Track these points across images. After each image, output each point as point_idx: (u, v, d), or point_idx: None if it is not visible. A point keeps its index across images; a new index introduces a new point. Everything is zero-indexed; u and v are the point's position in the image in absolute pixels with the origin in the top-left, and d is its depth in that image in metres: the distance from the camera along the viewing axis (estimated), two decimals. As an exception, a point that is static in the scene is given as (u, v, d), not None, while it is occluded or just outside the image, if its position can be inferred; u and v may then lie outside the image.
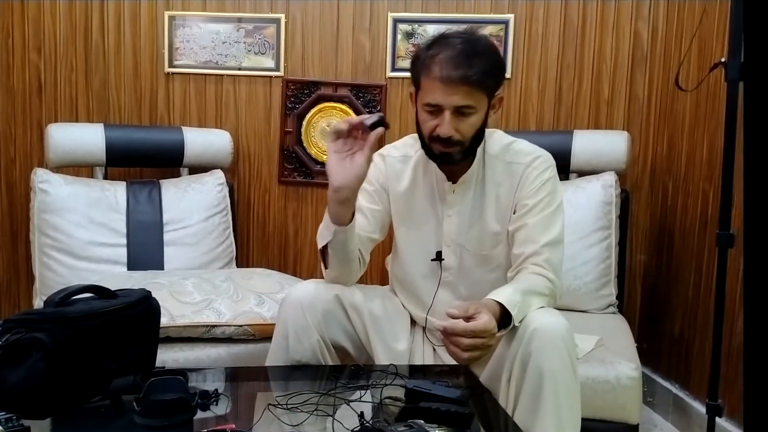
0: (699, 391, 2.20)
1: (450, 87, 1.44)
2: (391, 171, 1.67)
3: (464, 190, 1.61)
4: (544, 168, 1.58)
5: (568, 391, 1.33)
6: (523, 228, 1.54)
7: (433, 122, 1.49)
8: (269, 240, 2.78)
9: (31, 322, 1.17)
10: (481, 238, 1.61)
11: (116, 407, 1.22)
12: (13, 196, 2.72)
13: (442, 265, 1.62)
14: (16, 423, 1.08)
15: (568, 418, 1.33)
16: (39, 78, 2.68)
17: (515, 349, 1.35)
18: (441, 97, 1.45)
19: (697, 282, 2.26)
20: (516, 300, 1.36)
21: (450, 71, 1.43)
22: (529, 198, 1.56)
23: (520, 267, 1.52)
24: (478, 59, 1.44)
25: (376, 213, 1.66)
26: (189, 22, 2.66)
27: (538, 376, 1.31)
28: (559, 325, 1.35)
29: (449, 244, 1.63)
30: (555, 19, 2.56)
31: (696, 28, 2.27)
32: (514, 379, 1.35)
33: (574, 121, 2.58)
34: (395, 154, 1.69)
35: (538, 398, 1.31)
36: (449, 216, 1.62)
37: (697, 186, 2.28)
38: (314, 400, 1.29)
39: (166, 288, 2.00)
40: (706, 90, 2.22)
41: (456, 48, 1.45)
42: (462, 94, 1.45)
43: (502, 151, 1.61)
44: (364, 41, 2.65)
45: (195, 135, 2.58)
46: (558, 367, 1.31)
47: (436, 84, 1.45)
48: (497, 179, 1.60)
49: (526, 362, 1.32)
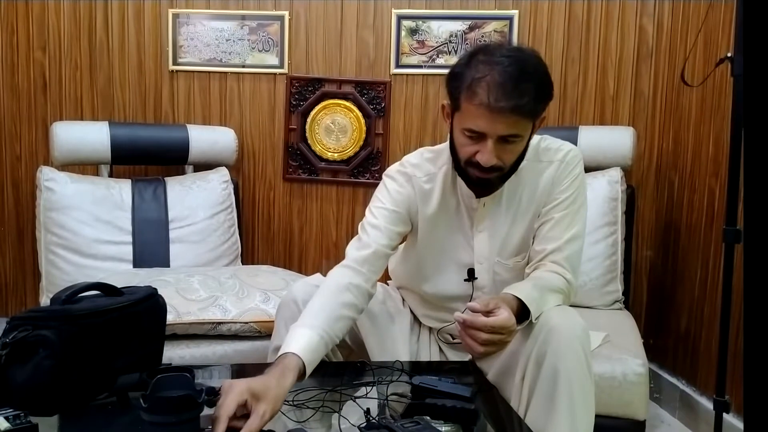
0: (706, 387, 2.19)
1: (497, 116, 1.31)
2: (419, 194, 1.54)
3: (494, 205, 1.51)
4: (575, 163, 1.52)
5: (583, 391, 1.31)
6: (548, 222, 1.49)
7: (472, 148, 1.37)
8: (274, 237, 2.78)
9: (38, 320, 1.17)
10: (517, 247, 1.54)
11: (123, 404, 1.22)
12: (19, 194, 2.73)
13: (474, 285, 1.54)
14: (24, 420, 1.08)
15: (582, 418, 1.31)
16: (44, 76, 2.69)
17: (530, 347, 1.33)
18: (485, 125, 1.33)
19: (703, 278, 2.26)
20: (534, 296, 1.34)
21: (498, 99, 1.29)
22: (561, 193, 1.50)
23: (539, 263, 1.48)
24: (527, 84, 1.31)
25: (394, 234, 1.53)
26: (193, 20, 2.66)
27: (553, 375, 1.29)
28: (576, 325, 1.33)
29: (482, 262, 1.54)
30: (559, 15, 2.55)
31: (701, 23, 2.26)
32: (528, 378, 1.33)
33: (579, 117, 2.58)
34: (420, 175, 1.54)
35: (552, 398, 1.29)
36: (480, 232, 1.53)
37: (703, 181, 2.27)
38: (320, 396, 1.29)
39: (172, 285, 2.00)
40: (712, 85, 2.21)
41: (505, 71, 1.30)
42: (508, 124, 1.33)
43: (531, 153, 1.49)
44: (368, 38, 2.65)
45: (199, 133, 2.59)
46: (573, 366, 1.29)
47: (482, 111, 1.31)
48: (529, 181, 1.51)
49: (541, 361, 1.30)
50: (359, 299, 1.43)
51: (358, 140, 2.67)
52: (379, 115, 2.66)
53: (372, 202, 1.56)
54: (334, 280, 1.43)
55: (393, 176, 1.55)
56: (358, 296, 1.42)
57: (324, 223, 2.75)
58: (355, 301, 1.41)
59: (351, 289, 1.41)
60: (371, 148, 2.67)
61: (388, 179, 1.56)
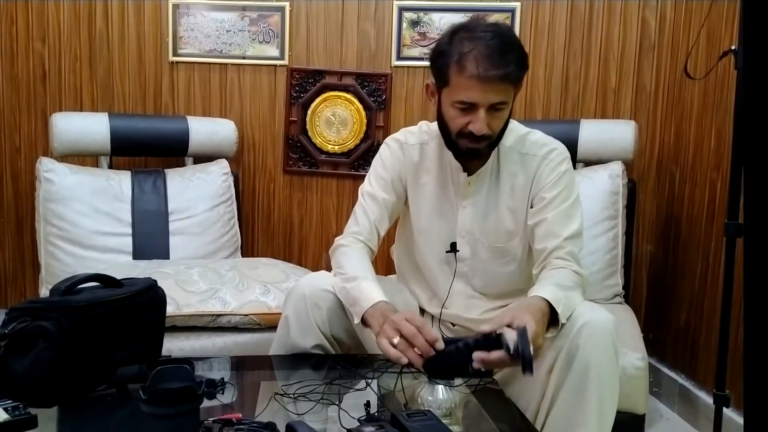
0: (705, 381, 2.20)
1: (488, 85, 1.40)
2: (409, 160, 1.65)
3: (480, 182, 1.59)
4: (559, 161, 1.56)
5: (612, 387, 1.33)
6: (542, 223, 1.52)
7: (463, 119, 1.45)
8: (274, 229, 2.78)
9: (37, 311, 1.17)
10: (496, 231, 1.60)
11: (122, 396, 1.22)
12: (18, 186, 2.72)
13: (456, 256, 1.61)
14: (23, 411, 1.08)
15: (609, 413, 1.33)
16: (43, 67, 2.68)
17: (561, 341, 1.33)
18: (477, 95, 1.41)
19: (703, 272, 2.25)
20: (560, 297, 1.34)
21: (487, 69, 1.38)
22: (547, 192, 1.54)
23: (544, 263, 1.50)
24: (511, 54, 1.40)
25: (389, 203, 1.64)
26: (193, 11, 2.65)
27: (584, 369, 1.30)
28: (608, 321, 1.34)
29: (464, 236, 1.61)
30: (562, 7, 2.53)
31: (705, 16, 2.25)
32: (557, 371, 1.33)
33: (581, 110, 2.57)
34: (413, 142, 1.66)
35: (582, 392, 1.30)
36: (464, 207, 1.60)
37: (704, 175, 2.27)
38: (320, 389, 1.29)
39: (171, 277, 2.00)
40: (715, 79, 2.20)
41: (489, 44, 1.39)
42: (498, 92, 1.42)
43: (517, 142, 1.59)
44: (369, 29, 2.63)
45: (199, 124, 2.58)
46: (605, 362, 1.31)
47: (473, 82, 1.40)
48: (512, 171, 1.58)
49: (573, 354, 1.31)
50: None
51: (359, 133, 2.66)
52: (380, 107, 2.65)
53: (370, 171, 1.69)
54: (355, 252, 1.58)
55: (387, 143, 1.69)
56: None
57: (324, 216, 2.75)
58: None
59: (369, 255, 1.61)
60: (372, 141, 2.66)
61: (384, 146, 1.69)
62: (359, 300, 1.42)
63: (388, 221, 1.67)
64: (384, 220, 1.65)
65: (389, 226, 1.69)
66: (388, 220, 1.66)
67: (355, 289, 1.45)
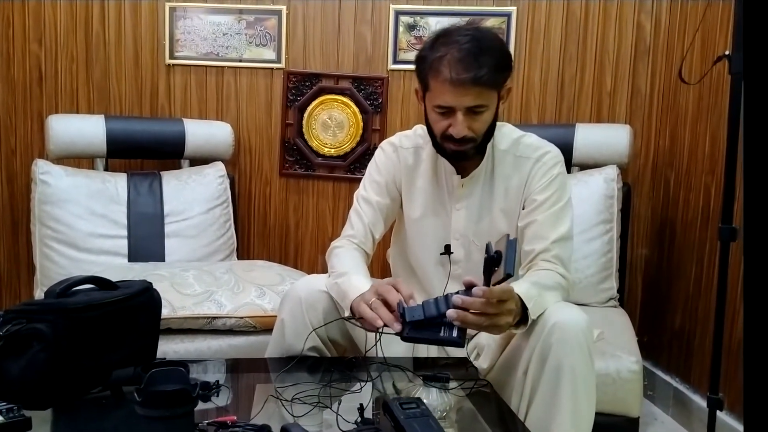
0: (699, 385, 2.20)
1: (460, 89, 1.42)
2: (403, 163, 1.67)
3: (473, 184, 1.60)
4: (552, 164, 1.58)
5: (587, 386, 1.32)
6: (532, 224, 1.54)
7: (444, 122, 1.49)
8: (270, 232, 2.78)
9: (32, 313, 1.17)
10: (490, 233, 1.60)
11: (117, 398, 1.22)
12: (13, 187, 2.72)
13: (450, 258, 1.61)
14: (17, 413, 1.08)
15: (585, 413, 1.33)
16: (39, 69, 2.68)
17: (534, 342, 1.33)
18: (452, 99, 1.44)
19: (698, 275, 2.26)
20: (532, 294, 1.34)
21: (459, 73, 1.41)
22: (538, 194, 1.55)
23: (531, 264, 1.52)
24: (486, 57, 1.42)
25: (383, 206, 1.66)
26: (190, 14, 2.65)
27: (557, 369, 1.30)
28: (580, 320, 1.34)
29: (458, 238, 1.63)
30: (557, 12, 2.54)
31: (699, 21, 2.26)
32: (531, 372, 1.34)
33: (576, 114, 2.58)
34: (407, 145, 1.68)
35: (556, 392, 1.30)
36: (458, 210, 1.62)
37: (699, 179, 2.28)
38: (315, 392, 1.29)
39: (167, 280, 2.00)
40: (709, 83, 2.21)
41: (462, 48, 1.42)
42: (473, 95, 1.44)
43: (511, 145, 1.61)
44: (365, 33, 2.64)
45: (196, 127, 2.58)
46: (578, 361, 1.30)
47: (446, 86, 1.43)
48: (506, 173, 1.60)
49: (545, 355, 1.31)
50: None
51: (355, 136, 2.66)
52: (376, 110, 2.65)
53: (365, 175, 1.71)
54: (348, 252, 1.59)
55: (382, 146, 1.71)
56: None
57: (320, 219, 2.75)
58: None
59: (365, 259, 1.62)
60: (368, 144, 2.66)
61: (378, 150, 1.72)
62: (348, 293, 1.42)
63: (383, 224, 1.68)
64: (379, 224, 1.66)
65: (385, 230, 1.70)
66: (383, 223, 1.67)
67: (345, 283, 1.45)
